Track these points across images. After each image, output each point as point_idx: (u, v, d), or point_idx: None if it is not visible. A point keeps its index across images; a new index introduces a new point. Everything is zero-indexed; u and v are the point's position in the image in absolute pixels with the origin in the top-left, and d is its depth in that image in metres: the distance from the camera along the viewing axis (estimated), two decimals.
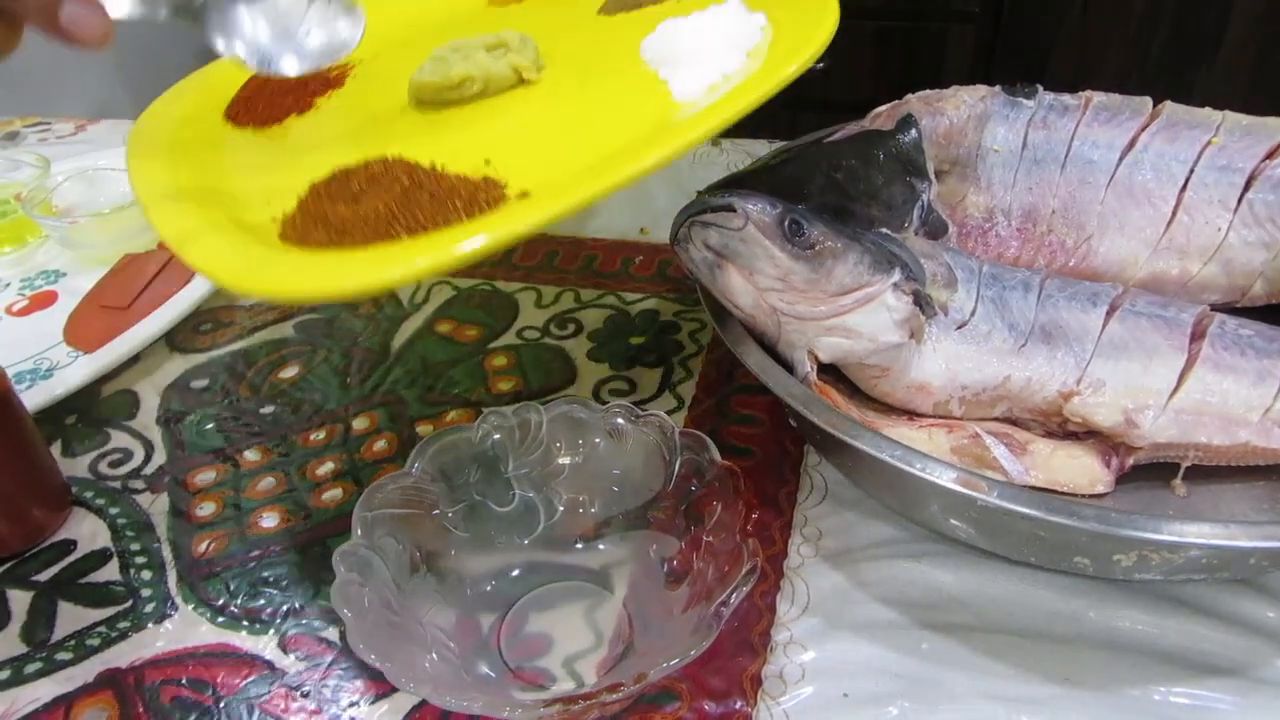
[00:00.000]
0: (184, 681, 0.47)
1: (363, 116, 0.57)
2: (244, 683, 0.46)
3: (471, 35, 0.65)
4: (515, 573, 0.49)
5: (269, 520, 0.55)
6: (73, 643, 0.49)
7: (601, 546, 0.50)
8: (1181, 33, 1.39)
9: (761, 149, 0.79)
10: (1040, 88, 0.60)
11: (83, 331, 0.69)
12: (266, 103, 0.58)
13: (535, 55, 0.56)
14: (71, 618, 0.50)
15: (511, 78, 0.55)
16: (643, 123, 0.49)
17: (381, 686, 0.46)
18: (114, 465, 0.60)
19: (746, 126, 0.54)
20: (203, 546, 0.54)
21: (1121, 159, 0.57)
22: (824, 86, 1.47)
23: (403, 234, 0.42)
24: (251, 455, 0.60)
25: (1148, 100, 0.59)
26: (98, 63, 1.07)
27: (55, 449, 0.61)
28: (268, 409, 0.63)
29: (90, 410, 0.64)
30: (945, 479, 0.42)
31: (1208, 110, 0.59)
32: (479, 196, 0.44)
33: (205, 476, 0.58)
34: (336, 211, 0.44)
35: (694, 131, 0.44)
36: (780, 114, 1.51)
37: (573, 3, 0.68)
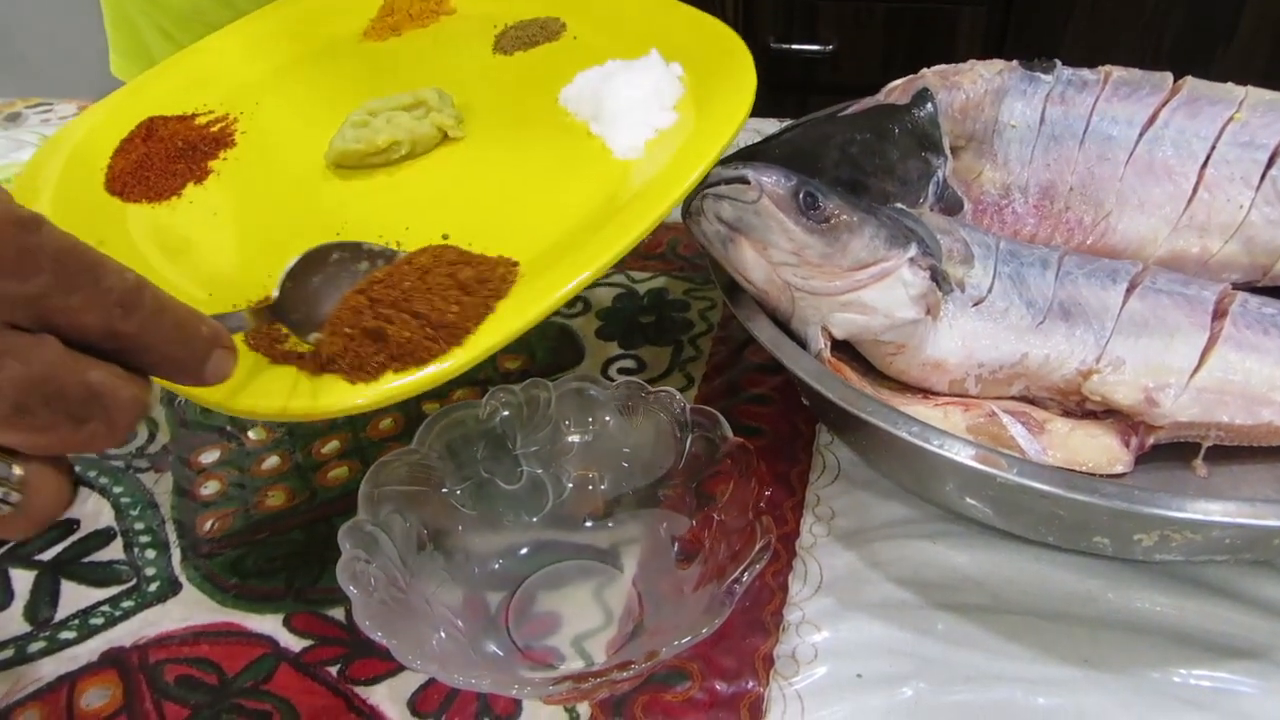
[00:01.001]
0: (188, 660, 0.46)
1: (279, 183, 0.55)
2: (249, 662, 0.46)
3: (350, 68, 0.64)
4: (523, 551, 0.48)
5: (274, 499, 0.54)
6: (76, 622, 0.48)
7: (611, 525, 0.49)
8: (1196, 16, 1.37)
9: (772, 128, 0.78)
10: (1059, 62, 0.59)
11: None
12: (157, 173, 0.55)
13: (454, 110, 0.56)
14: (75, 597, 0.49)
15: (436, 136, 0.55)
16: (594, 186, 0.50)
17: (388, 665, 0.45)
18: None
19: (757, 108, 0.53)
20: (207, 525, 0.53)
21: (1141, 135, 0.56)
22: (833, 69, 1.46)
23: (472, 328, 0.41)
24: (255, 434, 0.59)
25: (1168, 75, 0.58)
26: (99, 44, 1.06)
27: None
28: None
29: None
30: (963, 456, 0.41)
31: (1230, 85, 0.57)
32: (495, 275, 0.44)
33: (209, 455, 0.58)
34: (398, 331, 0.41)
35: (666, 200, 0.45)
36: (788, 97, 1.50)
37: (453, 37, 0.67)
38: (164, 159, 0.56)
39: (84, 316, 0.28)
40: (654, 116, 0.53)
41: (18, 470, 0.28)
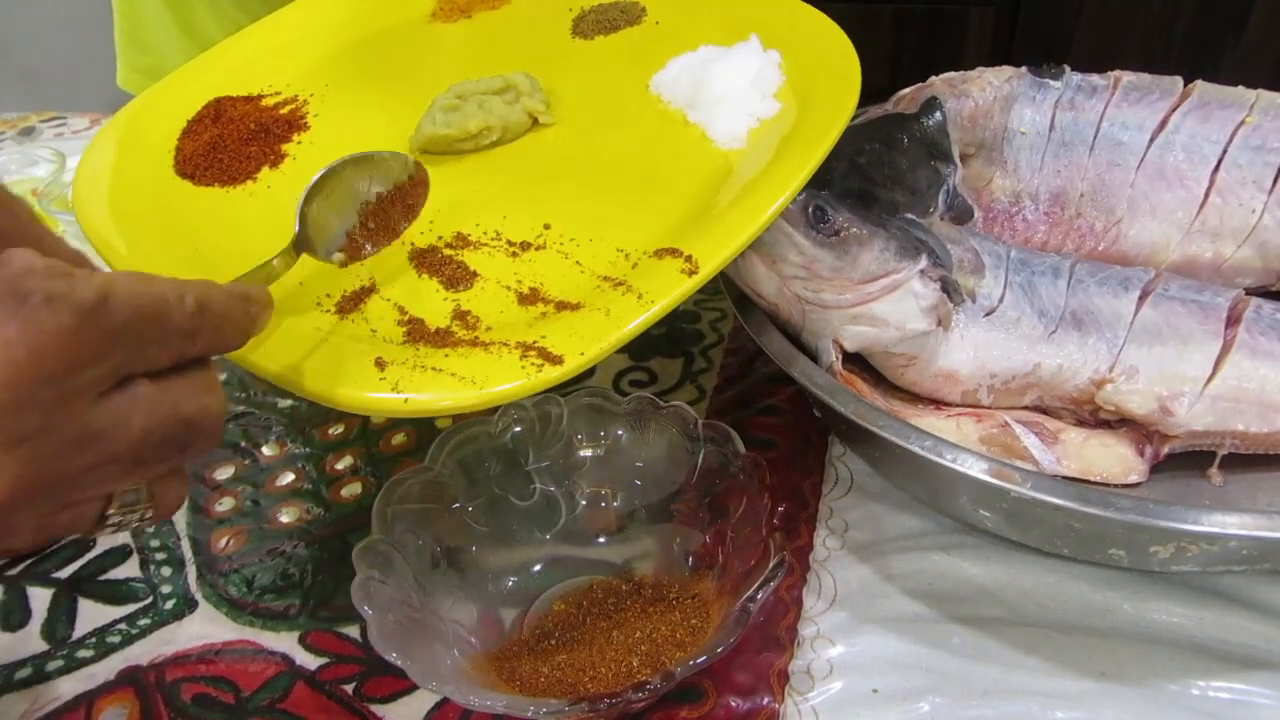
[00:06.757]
0: (205, 679, 0.46)
1: None
2: (265, 680, 0.46)
3: (421, 51, 0.63)
4: (537, 568, 0.48)
5: (288, 516, 0.55)
6: (93, 640, 0.48)
7: (624, 540, 0.49)
8: (1206, 15, 1.36)
9: None
10: (1068, 68, 0.59)
11: None
12: (230, 155, 0.54)
13: (543, 95, 0.55)
14: (92, 615, 0.50)
15: (526, 122, 0.54)
16: (697, 175, 0.48)
17: (404, 683, 0.45)
18: None
19: None
20: (222, 542, 0.53)
21: (1152, 140, 0.56)
22: None
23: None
24: (270, 450, 0.59)
25: (1178, 80, 0.58)
26: (107, 59, 1.07)
27: None
28: (285, 403, 0.63)
29: None
30: (976, 470, 0.41)
31: (1241, 89, 0.57)
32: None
33: (224, 472, 0.58)
34: None
35: (782, 193, 0.44)
36: None
37: (527, 21, 0.65)
38: (236, 141, 0.55)
39: (160, 359, 0.30)
40: (755, 105, 0.51)
41: (144, 490, 0.32)
